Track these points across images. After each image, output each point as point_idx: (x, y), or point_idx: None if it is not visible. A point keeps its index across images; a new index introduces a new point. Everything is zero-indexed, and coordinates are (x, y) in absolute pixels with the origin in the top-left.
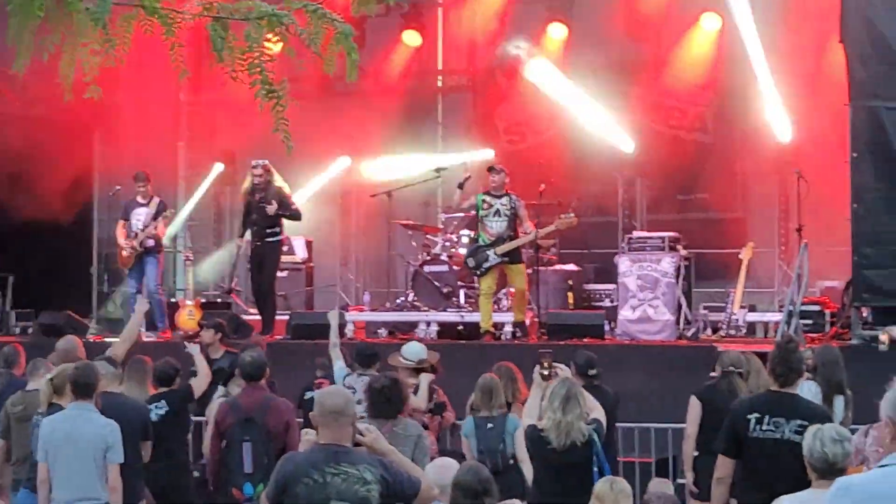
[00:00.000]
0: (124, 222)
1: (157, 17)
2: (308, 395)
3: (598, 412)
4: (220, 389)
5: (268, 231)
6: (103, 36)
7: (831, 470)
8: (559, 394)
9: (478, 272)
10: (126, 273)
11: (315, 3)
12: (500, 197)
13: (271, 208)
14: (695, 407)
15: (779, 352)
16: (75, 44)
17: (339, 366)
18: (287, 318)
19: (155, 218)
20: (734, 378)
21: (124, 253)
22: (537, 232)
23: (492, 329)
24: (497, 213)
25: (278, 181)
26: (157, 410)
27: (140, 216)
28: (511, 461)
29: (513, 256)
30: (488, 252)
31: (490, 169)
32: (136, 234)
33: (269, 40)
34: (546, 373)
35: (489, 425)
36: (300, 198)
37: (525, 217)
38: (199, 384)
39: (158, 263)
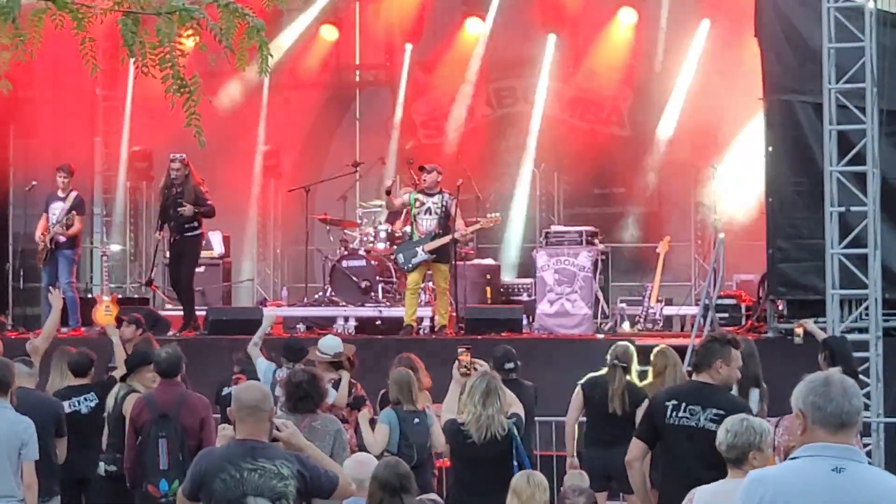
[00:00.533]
0: (46, 216)
1: (68, 12)
2: (225, 391)
3: (517, 407)
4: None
5: (186, 226)
6: (13, 31)
7: (739, 459)
8: (479, 388)
9: (406, 268)
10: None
11: None
12: (432, 195)
13: (187, 210)
14: (577, 395)
15: (702, 343)
16: None
17: (261, 362)
18: (204, 313)
19: (69, 212)
20: (617, 370)
21: (39, 247)
22: (457, 231)
23: (414, 323)
24: (428, 210)
25: (193, 178)
26: (88, 403)
27: (56, 210)
28: (427, 455)
29: (440, 255)
30: (417, 249)
31: (421, 168)
32: (49, 229)
33: (182, 35)
34: (465, 369)
35: (416, 420)
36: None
37: (458, 215)
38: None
39: (72, 259)
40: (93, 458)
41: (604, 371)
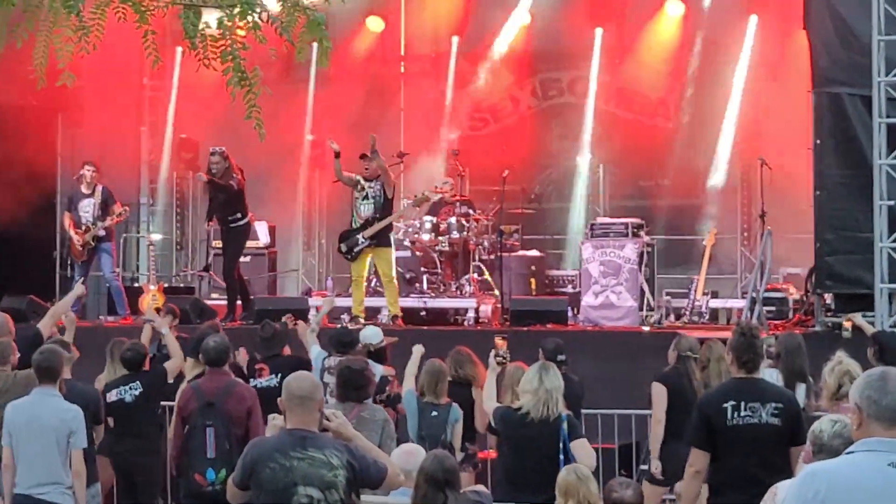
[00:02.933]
0: (70, 213)
1: (131, 5)
2: (252, 383)
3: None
4: None
5: (230, 217)
6: (77, 24)
7: (820, 447)
8: (534, 369)
9: (349, 257)
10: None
11: None
12: (370, 181)
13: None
14: (660, 392)
15: (744, 339)
16: (49, 31)
17: (315, 350)
18: (240, 303)
19: (103, 208)
20: (690, 363)
21: (77, 247)
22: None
23: (362, 314)
24: (366, 196)
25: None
26: (133, 391)
27: (87, 208)
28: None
29: (380, 239)
30: (358, 236)
31: (362, 156)
32: (87, 228)
33: (239, 27)
34: (501, 358)
35: (433, 413)
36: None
37: (395, 197)
38: (172, 366)
39: (110, 251)
40: (138, 447)
41: (673, 365)
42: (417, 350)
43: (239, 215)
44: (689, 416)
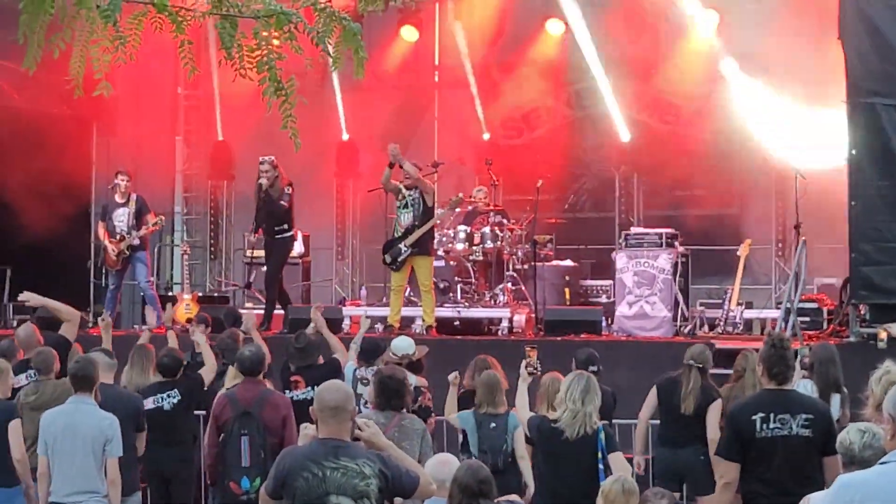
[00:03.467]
0: (104, 223)
1: (168, 15)
2: (287, 395)
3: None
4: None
5: (276, 228)
6: (114, 33)
7: (851, 459)
8: (579, 385)
9: (394, 267)
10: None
11: (323, 2)
12: (410, 189)
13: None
14: (651, 395)
15: (774, 350)
16: (86, 41)
17: (350, 365)
18: (283, 312)
19: (137, 217)
20: (692, 371)
21: (112, 256)
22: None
23: (396, 324)
24: (406, 205)
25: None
26: (171, 399)
27: (122, 217)
28: (510, 460)
29: (421, 247)
30: (400, 245)
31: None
32: (122, 237)
33: (275, 37)
34: (533, 368)
35: (493, 424)
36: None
37: (433, 206)
38: (207, 374)
39: (145, 260)
40: (176, 455)
41: (678, 372)
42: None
43: (286, 226)
44: (672, 423)
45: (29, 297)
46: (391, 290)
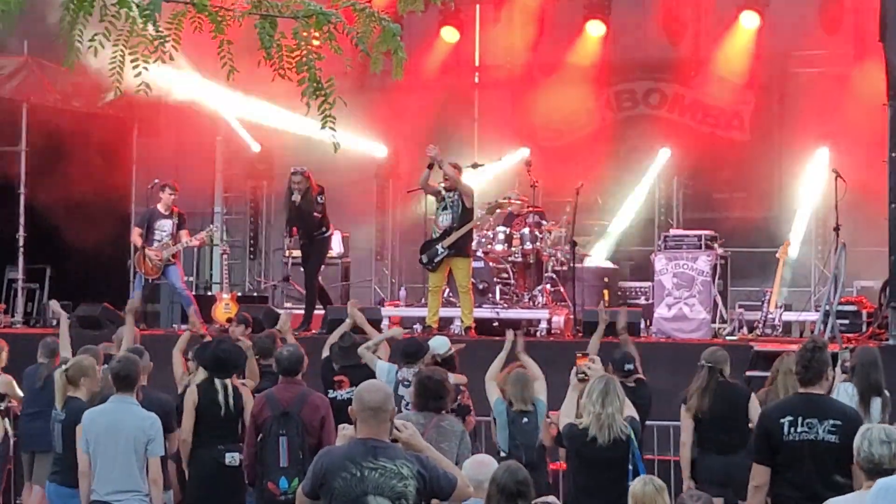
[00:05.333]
0: (141, 230)
1: (207, 15)
2: (331, 394)
3: (632, 410)
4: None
5: (314, 233)
6: (154, 33)
7: (877, 470)
8: (597, 388)
9: (430, 267)
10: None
11: (363, 2)
12: (449, 191)
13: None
14: (684, 416)
15: (804, 354)
16: (126, 41)
17: (382, 365)
18: (323, 312)
19: (177, 230)
20: (702, 371)
21: (150, 264)
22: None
23: (435, 324)
24: (445, 207)
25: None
26: None
27: (165, 228)
28: (541, 455)
29: (459, 248)
30: (437, 246)
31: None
32: (167, 245)
33: (315, 37)
34: (583, 374)
35: (524, 419)
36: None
37: (471, 208)
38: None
39: (176, 266)
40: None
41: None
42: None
43: (323, 229)
44: (707, 429)
45: (53, 307)
46: (429, 290)
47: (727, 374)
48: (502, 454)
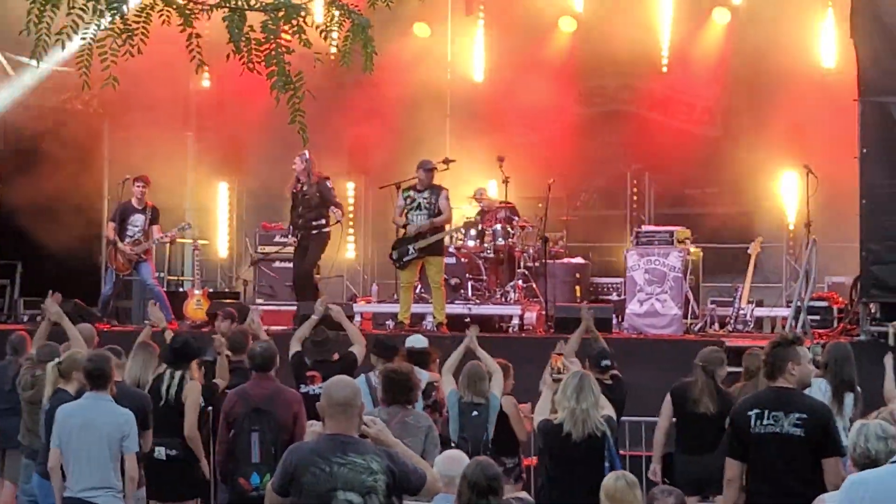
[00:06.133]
0: (115, 225)
1: (176, 9)
2: (303, 388)
3: (609, 409)
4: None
5: (314, 223)
6: (122, 27)
7: (873, 466)
8: (572, 384)
9: (398, 265)
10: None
11: None
12: (422, 191)
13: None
14: (667, 402)
15: (772, 349)
16: (94, 35)
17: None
18: (295, 308)
19: (150, 225)
20: (698, 372)
21: (121, 259)
22: (450, 227)
23: (406, 320)
24: (419, 206)
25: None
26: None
27: (138, 223)
28: (489, 449)
29: (433, 249)
30: (409, 246)
31: (418, 166)
32: (137, 241)
33: (284, 31)
34: (558, 374)
35: (474, 413)
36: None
37: (444, 208)
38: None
39: (147, 262)
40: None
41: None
42: (471, 334)
43: (324, 221)
44: (689, 428)
45: (50, 307)
46: (401, 287)
47: (721, 376)
48: (452, 445)
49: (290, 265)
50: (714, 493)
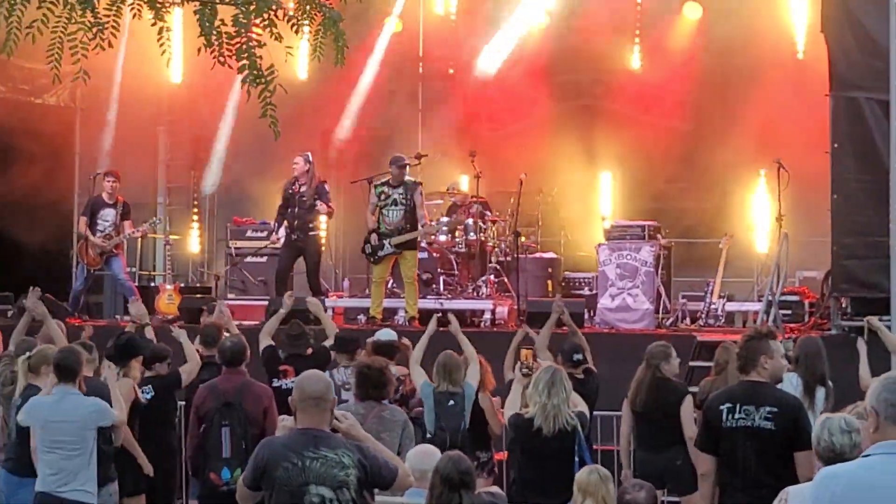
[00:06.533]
0: (86, 219)
1: (146, 2)
2: (276, 382)
3: (582, 405)
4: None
5: (310, 225)
6: (93, 20)
7: (838, 460)
8: (543, 378)
9: (372, 259)
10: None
11: None
12: (396, 187)
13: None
14: (625, 407)
15: (744, 343)
16: (64, 28)
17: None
18: (266, 302)
19: (121, 220)
20: (643, 365)
21: (92, 253)
22: (425, 227)
23: (379, 315)
24: (394, 202)
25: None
26: (144, 395)
27: (108, 218)
28: (466, 437)
29: (407, 244)
30: (384, 241)
31: (391, 162)
32: (108, 236)
33: (256, 25)
34: (527, 369)
35: (451, 402)
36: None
37: (420, 204)
38: (189, 370)
39: (119, 256)
40: (157, 451)
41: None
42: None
43: (319, 223)
44: (644, 425)
45: (34, 307)
46: (373, 282)
47: (665, 370)
48: (429, 436)
49: (264, 260)
50: (673, 490)
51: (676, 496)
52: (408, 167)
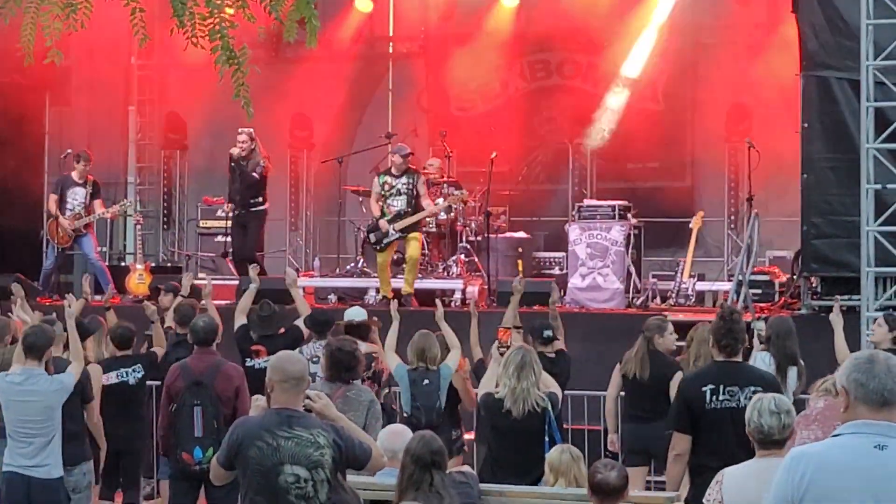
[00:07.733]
0: (56, 196)
1: None
2: (249, 362)
3: (554, 386)
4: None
5: (251, 200)
6: (65, 1)
7: (767, 441)
8: (514, 361)
9: (377, 247)
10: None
11: None
12: (399, 176)
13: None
14: (615, 372)
15: (724, 323)
16: (37, 9)
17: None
18: (237, 283)
19: (91, 199)
20: (638, 338)
21: (61, 232)
22: (431, 208)
23: (390, 294)
24: (398, 191)
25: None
26: (135, 374)
27: (78, 197)
28: (442, 416)
29: (412, 229)
30: (389, 228)
31: (394, 152)
32: (78, 215)
33: (228, 5)
34: (504, 348)
35: (425, 381)
36: None
37: (424, 193)
38: (160, 353)
39: (91, 234)
40: (137, 430)
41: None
42: (395, 319)
43: (261, 199)
44: (633, 397)
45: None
46: (379, 268)
47: (658, 343)
48: (405, 415)
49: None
50: (660, 464)
51: (663, 469)
52: (410, 156)
